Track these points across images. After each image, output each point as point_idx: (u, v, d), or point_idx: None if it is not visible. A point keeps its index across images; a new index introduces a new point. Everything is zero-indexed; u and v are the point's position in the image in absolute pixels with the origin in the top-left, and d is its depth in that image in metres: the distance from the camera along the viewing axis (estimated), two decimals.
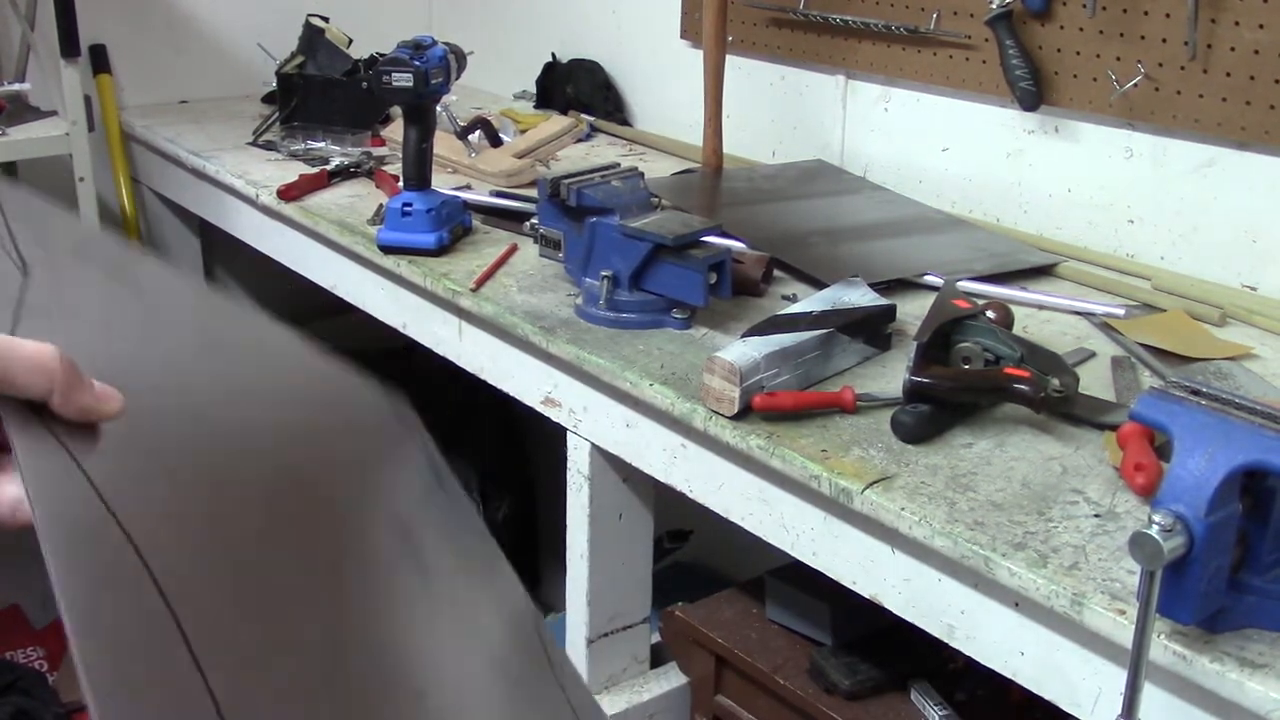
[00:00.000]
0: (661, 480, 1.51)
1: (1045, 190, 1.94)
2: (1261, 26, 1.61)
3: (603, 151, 2.45)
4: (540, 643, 0.62)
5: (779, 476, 1.31)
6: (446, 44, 1.86)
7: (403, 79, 1.79)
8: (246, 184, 2.20)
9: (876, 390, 1.38)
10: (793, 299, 1.65)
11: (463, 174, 2.25)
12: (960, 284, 1.65)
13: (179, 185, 2.55)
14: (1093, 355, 1.53)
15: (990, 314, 1.44)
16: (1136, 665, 0.94)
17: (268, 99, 2.68)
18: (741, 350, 1.35)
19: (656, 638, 1.78)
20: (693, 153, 2.28)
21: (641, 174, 1.69)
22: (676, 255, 1.54)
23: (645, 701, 1.72)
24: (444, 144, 2.19)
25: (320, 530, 0.53)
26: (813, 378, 1.42)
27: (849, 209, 2.03)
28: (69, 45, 2.34)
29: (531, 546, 2.86)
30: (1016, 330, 1.49)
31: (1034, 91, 1.86)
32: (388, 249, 1.84)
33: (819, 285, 1.65)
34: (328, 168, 2.22)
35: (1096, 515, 1.15)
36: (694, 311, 1.57)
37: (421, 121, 1.85)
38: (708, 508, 1.44)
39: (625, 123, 2.62)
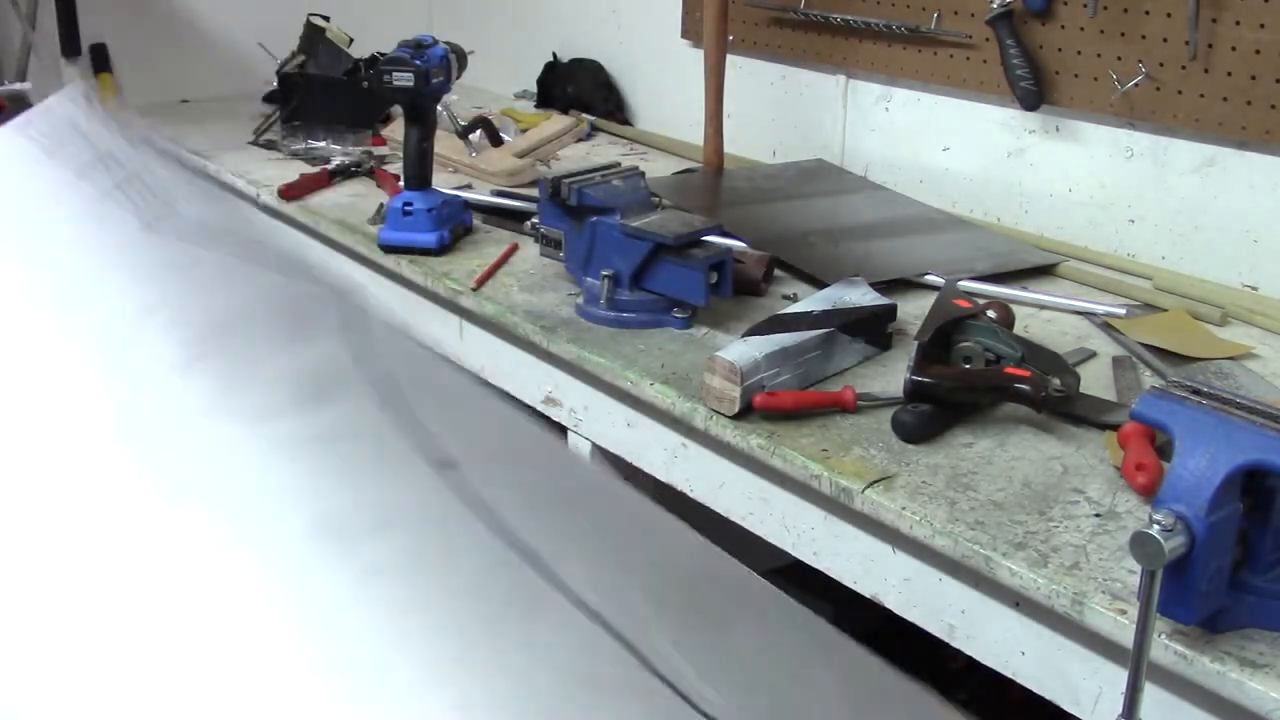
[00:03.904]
0: (662, 480, 1.51)
1: (1046, 190, 1.93)
2: (1262, 26, 1.61)
3: (603, 151, 2.45)
4: None
5: (779, 476, 1.31)
6: (447, 43, 1.86)
7: (403, 78, 1.79)
8: (247, 183, 2.20)
9: (877, 390, 1.38)
10: (793, 298, 1.65)
11: (463, 173, 2.25)
12: (961, 283, 1.65)
13: None
14: (1093, 355, 1.53)
15: (991, 313, 1.44)
16: (1137, 665, 0.94)
17: (268, 98, 2.68)
18: (742, 350, 1.35)
19: None
20: (693, 152, 2.28)
21: (642, 173, 1.69)
22: (677, 254, 1.54)
23: None
24: (445, 143, 2.19)
25: None
26: (813, 377, 1.42)
27: (849, 209, 2.03)
28: (70, 44, 2.34)
29: None
30: (1017, 330, 1.49)
31: (1035, 91, 1.86)
32: (388, 248, 1.84)
33: (819, 285, 1.65)
34: (328, 167, 2.22)
35: (1097, 515, 1.15)
36: (695, 311, 1.57)
37: (422, 121, 1.85)
38: (708, 507, 1.44)
39: (626, 122, 2.62)
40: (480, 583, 0.43)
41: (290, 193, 2.10)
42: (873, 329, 1.50)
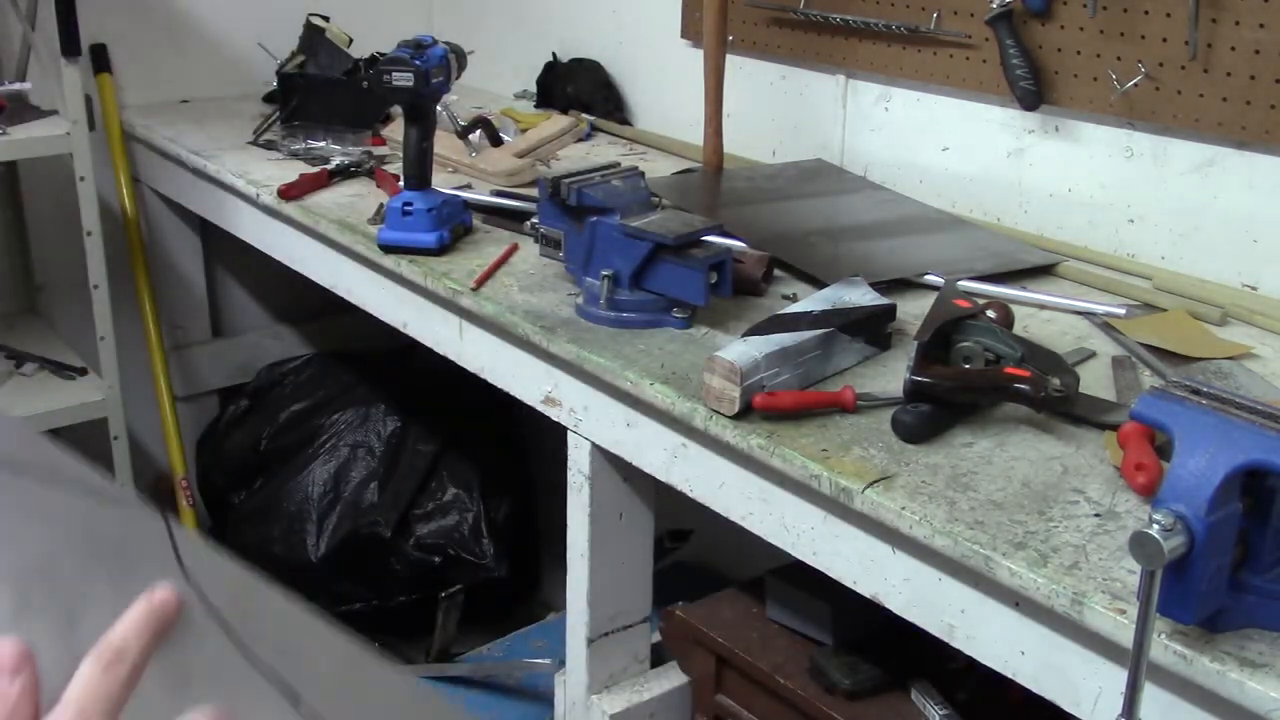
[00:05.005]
0: (662, 480, 1.51)
1: (1046, 190, 1.93)
2: (1262, 26, 1.61)
3: (603, 151, 2.45)
4: None
5: (779, 476, 1.31)
6: (447, 43, 1.86)
7: (403, 78, 1.79)
8: (247, 183, 2.20)
9: (877, 390, 1.38)
10: (793, 298, 1.65)
11: (463, 173, 2.25)
12: (961, 283, 1.65)
13: (180, 185, 2.55)
14: (1093, 355, 1.53)
15: (991, 313, 1.44)
16: (1137, 665, 0.94)
17: (268, 98, 2.68)
18: (742, 349, 1.35)
19: (657, 637, 1.78)
20: (693, 152, 2.28)
21: (642, 173, 1.69)
22: (677, 254, 1.54)
23: (645, 701, 1.72)
24: (445, 143, 2.19)
25: None
26: (813, 377, 1.42)
27: (849, 209, 2.03)
28: (70, 44, 2.33)
29: (531, 546, 2.87)
30: (1017, 330, 1.49)
31: (1034, 91, 1.86)
32: (388, 248, 1.84)
33: (819, 285, 1.65)
34: (328, 167, 2.22)
35: (1097, 515, 1.15)
36: (694, 311, 1.57)
37: (422, 121, 1.85)
38: (708, 507, 1.44)
39: (626, 122, 2.62)
40: None
41: (290, 193, 2.10)
42: (872, 329, 1.50)
